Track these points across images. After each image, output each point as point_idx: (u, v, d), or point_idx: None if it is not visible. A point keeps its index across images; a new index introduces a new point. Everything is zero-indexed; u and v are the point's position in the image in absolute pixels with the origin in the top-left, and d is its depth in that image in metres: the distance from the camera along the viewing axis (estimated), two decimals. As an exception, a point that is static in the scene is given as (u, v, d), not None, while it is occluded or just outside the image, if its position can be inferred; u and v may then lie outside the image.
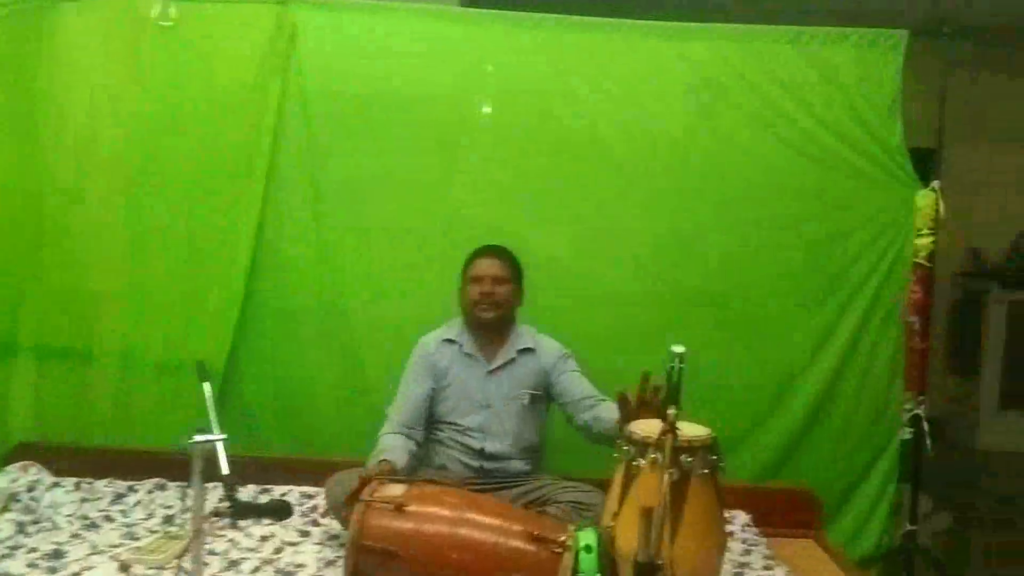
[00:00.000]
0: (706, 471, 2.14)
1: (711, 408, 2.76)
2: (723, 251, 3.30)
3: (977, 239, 5.88)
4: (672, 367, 2.05)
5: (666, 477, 1.98)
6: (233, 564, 2.47)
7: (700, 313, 3.27)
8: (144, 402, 3.26)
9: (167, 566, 2.43)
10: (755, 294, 3.31)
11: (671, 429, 2.00)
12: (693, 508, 2.11)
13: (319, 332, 3.31)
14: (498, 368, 2.87)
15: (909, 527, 3.23)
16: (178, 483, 2.97)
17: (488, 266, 2.86)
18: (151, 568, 2.42)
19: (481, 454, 2.80)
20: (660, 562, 1.95)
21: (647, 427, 2.21)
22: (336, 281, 3.28)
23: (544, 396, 2.90)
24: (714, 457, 2.17)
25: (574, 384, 2.85)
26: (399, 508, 2.20)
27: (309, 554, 2.56)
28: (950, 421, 5.56)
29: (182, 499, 2.91)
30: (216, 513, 2.38)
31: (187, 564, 1.95)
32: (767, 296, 3.31)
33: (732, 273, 3.30)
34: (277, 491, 3.01)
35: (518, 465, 2.83)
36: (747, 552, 2.76)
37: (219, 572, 2.41)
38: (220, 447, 1.98)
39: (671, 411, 2.01)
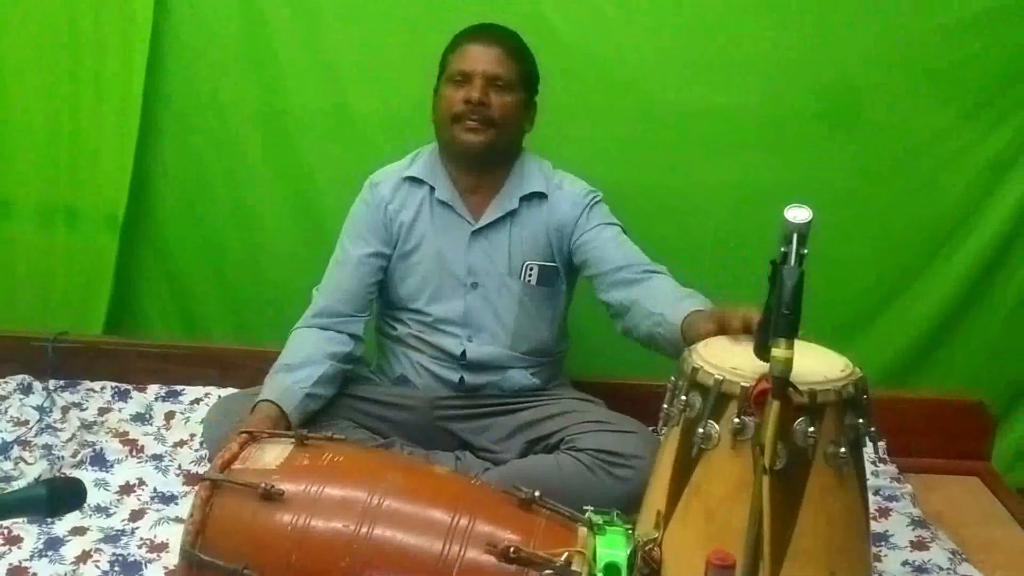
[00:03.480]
0: (842, 451, 1.09)
1: (825, 276, 1.85)
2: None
3: None
4: (786, 252, 0.96)
5: (765, 484, 0.95)
6: (51, 544, 1.55)
7: (805, 128, 2.14)
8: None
9: None
10: (886, 96, 2.12)
11: (782, 382, 0.95)
12: (814, 520, 1.08)
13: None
14: (490, 225, 1.81)
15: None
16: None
17: (481, 56, 1.75)
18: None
19: (462, 360, 1.80)
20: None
21: (726, 356, 1.16)
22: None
23: (562, 269, 1.84)
24: (859, 420, 1.11)
25: (608, 246, 1.77)
26: (269, 492, 1.22)
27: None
28: None
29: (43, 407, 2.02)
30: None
31: None
32: (909, 101, 2.12)
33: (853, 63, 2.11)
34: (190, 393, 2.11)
35: (520, 377, 1.81)
36: (885, 508, 1.77)
37: (22, 561, 1.50)
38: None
39: (780, 344, 0.95)
